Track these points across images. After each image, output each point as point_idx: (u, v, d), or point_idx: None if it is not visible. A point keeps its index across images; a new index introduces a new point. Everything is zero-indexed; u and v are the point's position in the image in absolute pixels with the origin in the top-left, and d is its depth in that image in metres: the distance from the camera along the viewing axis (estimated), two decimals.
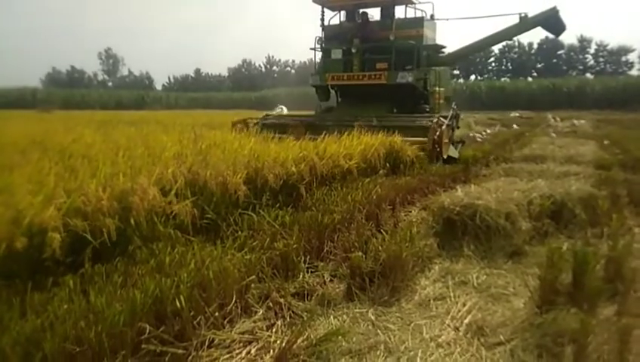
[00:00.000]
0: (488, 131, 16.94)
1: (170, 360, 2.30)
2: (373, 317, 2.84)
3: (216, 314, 2.63)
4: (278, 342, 2.51)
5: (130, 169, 3.56)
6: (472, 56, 12.68)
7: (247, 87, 66.38)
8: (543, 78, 49.44)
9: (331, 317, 2.82)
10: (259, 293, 2.97)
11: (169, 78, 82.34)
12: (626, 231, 4.50)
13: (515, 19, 9.72)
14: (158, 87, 79.97)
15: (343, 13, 11.03)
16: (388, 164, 6.49)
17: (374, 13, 10.98)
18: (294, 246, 3.40)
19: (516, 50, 63.56)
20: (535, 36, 61.64)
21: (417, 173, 6.53)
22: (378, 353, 2.43)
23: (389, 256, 3.17)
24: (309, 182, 4.76)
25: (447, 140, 7.73)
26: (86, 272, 2.62)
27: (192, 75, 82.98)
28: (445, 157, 7.68)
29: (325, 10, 10.78)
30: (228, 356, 2.42)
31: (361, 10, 10.64)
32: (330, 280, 3.37)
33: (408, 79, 9.40)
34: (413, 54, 9.68)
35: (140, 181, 3.15)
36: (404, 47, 9.73)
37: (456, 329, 2.73)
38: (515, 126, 17.72)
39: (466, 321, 2.81)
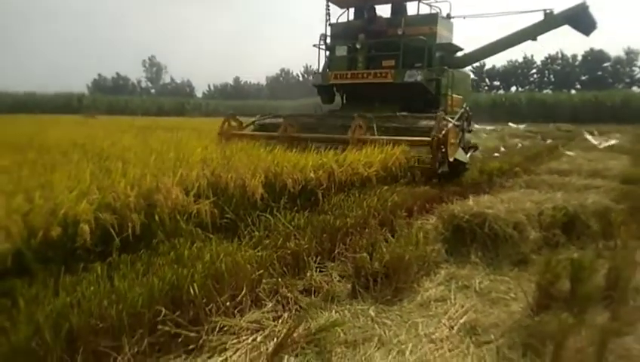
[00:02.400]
0: (524, 143, 16.71)
1: (183, 341, 2.57)
2: (373, 314, 3.03)
3: (228, 303, 2.88)
4: (283, 331, 2.74)
5: (158, 171, 3.87)
6: (492, 55, 10.54)
7: (284, 95, 67.33)
8: (587, 91, 48.21)
9: (333, 311, 3.03)
10: (269, 288, 3.20)
11: (209, 86, 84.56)
12: None
13: (540, 17, 8.95)
14: (199, 94, 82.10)
15: (351, 11, 10.24)
16: (409, 173, 6.62)
17: (386, 13, 10.17)
18: (305, 246, 3.62)
19: (559, 61, 62.26)
20: (579, 48, 60.18)
21: (438, 182, 6.64)
22: (372, 344, 2.63)
23: (393, 258, 3.36)
24: (327, 188, 4.96)
25: (453, 140, 6.90)
26: (113, 261, 2.91)
27: (232, 83, 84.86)
28: (452, 159, 6.84)
29: (333, 7, 10.07)
30: (236, 341, 2.66)
31: (368, 6, 9.80)
32: (339, 280, 3.57)
33: (417, 78, 8.58)
34: (424, 52, 8.81)
35: (165, 181, 3.45)
36: (414, 44, 8.87)
37: (451, 327, 2.89)
38: (548, 140, 17.40)
39: (462, 321, 2.96)
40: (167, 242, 3.29)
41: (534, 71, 63.98)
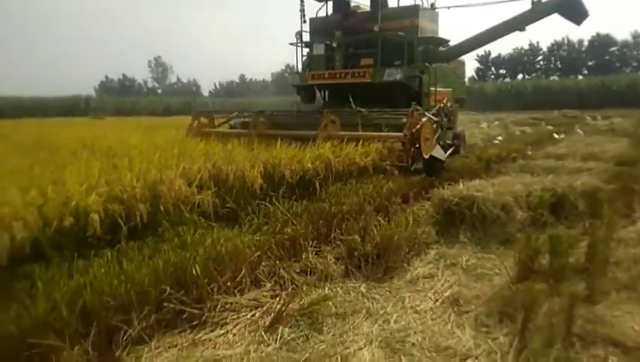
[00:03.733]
0: (527, 130, 16.82)
1: (187, 317, 2.81)
2: (364, 290, 3.26)
3: (229, 284, 3.11)
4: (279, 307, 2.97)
5: (162, 165, 4.12)
6: (480, 47, 9.88)
7: (289, 91, 67.33)
8: (593, 76, 47.90)
9: (326, 289, 3.25)
10: (268, 270, 3.43)
11: (215, 85, 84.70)
12: (630, 222, 4.71)
13: (528, 6, 8.42)
14: (205, 93, 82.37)
15: (330, 4, 9.76)
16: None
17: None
18: (302, 231, 3.84)
19: (565, 47, 61.73)
20: (586, 33, 59.63)
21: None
22: (360, 315, 2.87)
23: (383, 239, 3.59)
24: (324, 177, 5.18)
25: (429, 136, 6.48)
26: (122, 247, 3.17)
27: (237, 80, 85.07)
28: (427, 156, 6.43)
29: (311, 1, 9.54)
30: (236, 316, 2.90)
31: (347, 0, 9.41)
32: (334, 262, 3.77)
33: (397, 77, 8.17)
34: (404, 48, 8.36)
35: (168, 173, 3.70)
36: (393, 40, 8.46)
37: (436, 300, 3.12)
38: (548, 126, 17.48)
39: (446, 294, 3.18)
40: (172, 230, 3.54)
41: (540, 58, 63.45)
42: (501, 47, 67.66)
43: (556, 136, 11.34)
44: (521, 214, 4.37)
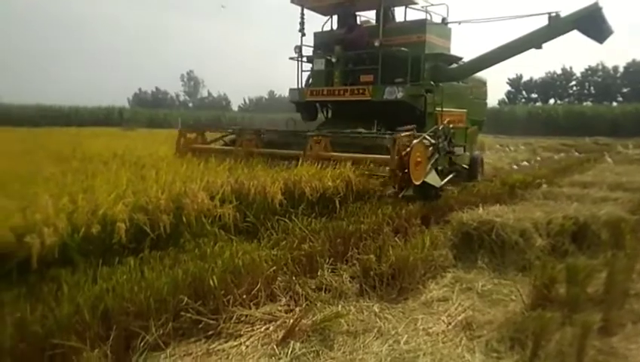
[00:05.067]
0: (555, 157, 16.62)
1: (203, 327, 2.89)
2: (377, 310, 3.29)
3: (245, 296, 3.19)
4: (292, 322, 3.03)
5: (187, 178, 4.26)
6: (492, 65, 8.28)
7: None
8: (628, 104, 46.91)
9: (340, 306, 3.30)
10: (284, 285, 3.50)
11: (244, 100, 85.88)
12: None
13: (545, 21, 7.74)
14: (235, 108, 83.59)
15: (336, 19, 9.36)
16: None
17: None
18: (319, 248, 3.90)
19: (600, 73, 60.76)
20: (621, 59, 58.55)
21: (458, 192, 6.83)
22: (371, 334, 2.90)
23: (398, 260, 3.62)
24: (345, 196, 5.24)
25: (420, 160, 5.72)
26: (144, 256, 3.29)
27: (266, 96, 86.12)
28: (417, 183, 5.65)
29: (315, 14, 9.28)
30: (250, 329, 2.97)
31: (348, 13, 9.06)
32: (349, 281, 3.82)
33: (398, 95, 7.61)
34: (407, 64, 7.81)
35: (192, 186, 3.83)
36: (396, 56, 7.93)
37: (448, 324, 3.13)
38: (576, 153, 17.21)
39: (459, 318, 3.19)
40: (193, 241, 3.65)
41: (574, 83, 62.55)
42: (533, 71, 66.85)
43: None
44: (540, 241, 4.34)
